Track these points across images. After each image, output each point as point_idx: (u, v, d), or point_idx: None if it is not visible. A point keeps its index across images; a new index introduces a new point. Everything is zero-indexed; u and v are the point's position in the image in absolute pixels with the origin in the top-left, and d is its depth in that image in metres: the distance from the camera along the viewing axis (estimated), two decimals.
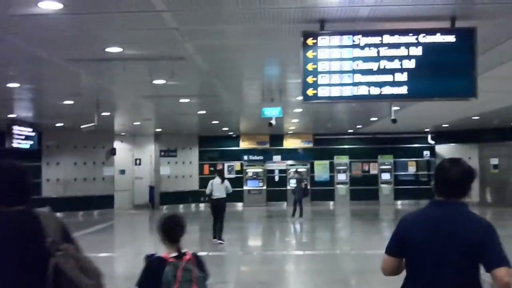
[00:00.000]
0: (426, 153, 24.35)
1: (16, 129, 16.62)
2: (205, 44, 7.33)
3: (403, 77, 6.03)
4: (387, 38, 6.01)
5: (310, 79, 6.11)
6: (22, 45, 7.16)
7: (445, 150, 23.99)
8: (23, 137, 17.21)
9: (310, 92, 6.13)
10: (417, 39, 5.98)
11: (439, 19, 5.99)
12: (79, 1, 5.48)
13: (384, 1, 5.58)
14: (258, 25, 6.40)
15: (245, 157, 24.26)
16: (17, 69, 9.05)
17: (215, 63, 8.73)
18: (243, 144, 24.39)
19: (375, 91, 6.08)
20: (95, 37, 6.87)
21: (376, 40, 6.02)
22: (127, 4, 5.52)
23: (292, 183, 22.86)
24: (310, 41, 6.06)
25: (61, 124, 17.97)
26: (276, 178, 24.29)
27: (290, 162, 24.34)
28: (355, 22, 6.17)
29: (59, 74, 9.39)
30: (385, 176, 24.38)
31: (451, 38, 5.97)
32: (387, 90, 6.07)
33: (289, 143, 24.37)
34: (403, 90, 6.05)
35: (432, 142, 23.85)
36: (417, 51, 5.99)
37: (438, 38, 5.97)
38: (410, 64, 6.01)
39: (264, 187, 24.14)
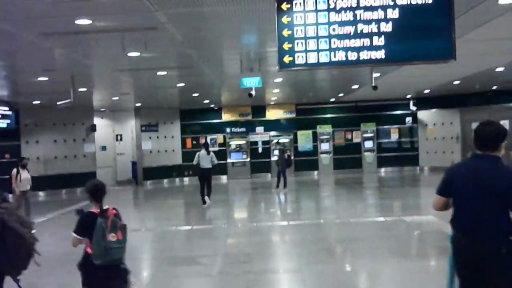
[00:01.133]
0: (408, 119, 24.37)
1: None
2: (177, 12, 7.09)
3: (380, 40, 5.89)
4: (363, 1, 5.84)
5: (286, 46, 5.95)
6: None
7: (427, 116, 24.04)
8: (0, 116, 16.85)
9: (286, 59, 5.97)
10: (393, 0, 5.83)
11: None
12: None
13: None
14: None
15: (228, 130, 24.08)
16: None
17: (189, 32, 8.49)
18: (225, 117, 24.19)
19: (352, 56, 5.94)
20: (65, 8, 6.60)
21: (352, 2, 5.85)
22: None
23: (276, 154, 22.81)
24: (284, 6, 5.89)
25: (38, 102, 17.64)
26: (260, 150, 24.18)
27: (273, 133, 24.23)
28: None
29: (31, 50, 9.13)
30: (368, 144, 24.40)
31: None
32: (365, 55, 5.93)
33: (271, 114, 24.21)
34: (381, 54, 5.91)
35: (414, 108, 23.84)
36: (394, 13, 5.84)
37: None
38: (388, 27, 5.86)
39: (248, 159, 24.05)
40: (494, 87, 20.01)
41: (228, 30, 8.51)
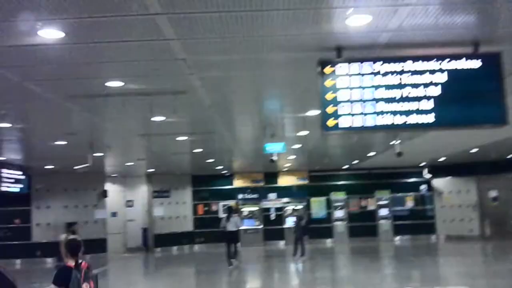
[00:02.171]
0: (423, 187, 24.00)
1: (5, 172, 16.01)
2: (211, 76, 6.95)
3: (429, 104, 5.67)
4: (409, 65, 5.67)
5: (330, 109, 5.73)
6: (15, 80, 6.70)
7: (442, 183, 23.68)
8: (13, 180, 16.58)
9: (330, 122, 5.73)
10: (441, 64, 5.65)
11: (462, 44, 5.68)
12: (83, 30, 5.04)
13: (405, 27, 5.26)
14: (268, 55, 6.05)
15: (240, 196, 23.71)
16: (9, 107, 8.55)
17: (218, 96, 8.33)
18: (237, 183, 23.88)
19: (399, 120, 5.70)
20: (97, 70, 6.45)
21: (398, 67, 5.67)
22: (134, 32, 5.13)
23: (289, 222, 22.35)
24: (328, 69, 5.71)
25: (52, 167, 17.42)
26: (272, 217, 23.71)
27: (286, 199, 23.83)
28: (374, 49, 5.84)
29: (54, 112, 8.92)
30: (383, 212, 23.91)
31: (476, 64, 5.65)
32: (413, 119, 5.69)
33: (284, 181, 23.90)
34: (430, 118, 5.67)
35: (429, 176, 23.53)
36: (442, 77, 5.65)
37: (463, 63, 5.65)
38: (436, 91, 5.66)
39: (261, 226, 23.54)
40: (510, 156, 19.76)
41: (255, 94, 8.36)
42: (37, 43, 5.27)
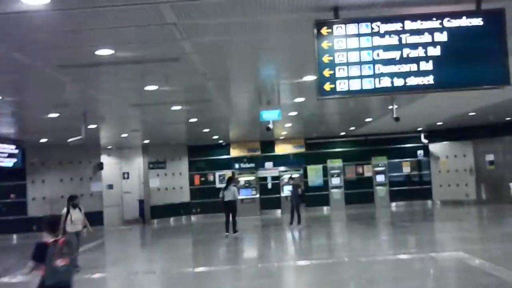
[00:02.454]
0: (420, 152, 23.95)
1: None
2: (203, 41, 6.74)
3: (428, 65, 5.50)
4: (408, 24, 5.48)
5: (326, 72, 5.55)
6: (2, 50, 6.49)
7: (439, 148, 23.63)
8: (6, 155, 16.40)
9: (327, 86, 5.56)
10: (441, 23, 5.47)
11: (464, 1, 5.48)
12: None
13: None
14: (263, 17, 5.84)
15: (236, 165, 23.62)
16: None
17: (211, 63, 8.12)
18: (234, 152, 23.77)
19: (399, 82, 5.54)
20: (86, 37, 6.23)
21: (397, 26, 5.48)
22: None
23: (287, 190, 22.32)
24: (324, 31, 5.51)
25: (45, 140, 17.24)
26: (269, 186, 23.68)
27: (282, 168, 23.76)
28: (372, 8, 5.64)
29: (45, 83, 8.71)
30: (380, 178, 23.91)
31: (478, 21, 5.46)
32: (412, 81, 5.53)
33: (280, 149, 23.80)
34: (430, 80, 5.51)
35: (426, 141, 23.45)
36: (442, 36, 5.47)
37: (464, 21, 5.46)
38: (436, 51, 5.48)
39: (258, 196, 23.52)
40: (508, 119, 19.65)
41: (251, 60, 8.14)
42: (21, 10, 5.07)
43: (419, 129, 22.63)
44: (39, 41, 6.26)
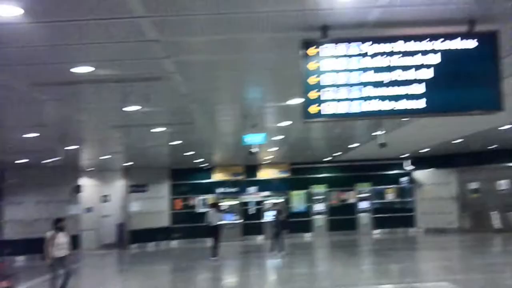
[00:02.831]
0: (404, 179, 23.81)
1: None
2: (187, 60, 6.48)
3: (420, 88, 5.28)
4: (400, 45, 5.27)
5: (312, 94, 5.31)
6: None
7: (423, 175, 23.52)
8: None
9: (313, 109, 5.31)
10: (434, 45, 5.27)
11: (456, 22, 5.29)
12: (44, 5, 4.53)
13: (396, 2, 4.86)
14: (247, 35, 5.60)
15: (219, 190, 23.23)
16: None
17: (195, 83, 7.83)
18: (217, 176, 23.42)
19: (388, 105, 5.30)
20: (61, 53, 5.92)
21: (388, 47, 5.27)
22: (101, 9, 4.62)
23: (268, 216, 21.95)
24: (311, 51, 5.28)
25: (24, 160, 16.76)
26: (252, 211, 23.29)
27: (265, 193, 23.42)
28: (362, 28, 5.43)
29: (19, 102, 8.36)
30: (363, 205, 23.68)
31: (471, 44, 5.27)
32: (402, 105, 5.30)
33: (264, 174, 23.51)
34: (421, 104, 5.29)
35: (410, 167, 23.34)
36: (435, 59, 5.27)
37: (457, 43, 5.27)
38: (428, 73, 5.27)
39: (240, 221, 23.11)
40: (492, 147, 19.61)
41: (236, 81, 7.90)
42: None
43: (404, 155, 22.52)
44: (11, 57, 5.93)
